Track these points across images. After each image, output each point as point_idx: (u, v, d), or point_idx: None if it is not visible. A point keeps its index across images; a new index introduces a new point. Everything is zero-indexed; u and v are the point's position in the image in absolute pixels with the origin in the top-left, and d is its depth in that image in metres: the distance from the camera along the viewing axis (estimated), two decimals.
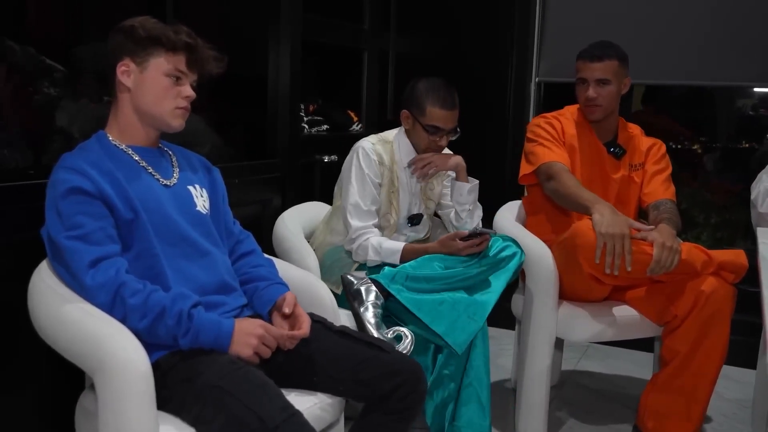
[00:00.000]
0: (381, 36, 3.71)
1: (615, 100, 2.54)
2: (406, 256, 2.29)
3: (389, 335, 2.04)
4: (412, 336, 2.03)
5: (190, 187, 1.79)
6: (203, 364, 1.54)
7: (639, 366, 3.22)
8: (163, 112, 1.70)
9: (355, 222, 2.37)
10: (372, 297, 2.13)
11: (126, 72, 1.68)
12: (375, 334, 2.03)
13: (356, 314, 2.11)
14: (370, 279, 2.16)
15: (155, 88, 1.68)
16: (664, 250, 2.17)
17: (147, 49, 1.67)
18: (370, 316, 2.09)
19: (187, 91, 1.72)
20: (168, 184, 1.73)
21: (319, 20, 3.18)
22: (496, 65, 3.63)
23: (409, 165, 2.47)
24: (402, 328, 2.05)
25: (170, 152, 1.81)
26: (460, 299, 2.13)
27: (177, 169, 1.78)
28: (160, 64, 1.68)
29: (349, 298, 2.14)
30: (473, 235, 2.21)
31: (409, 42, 3.81)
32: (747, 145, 4.49)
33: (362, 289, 2.14)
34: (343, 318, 2.07)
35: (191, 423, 1.51)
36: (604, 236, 2.15)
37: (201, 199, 1.79)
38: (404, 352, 1.97)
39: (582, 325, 2.39)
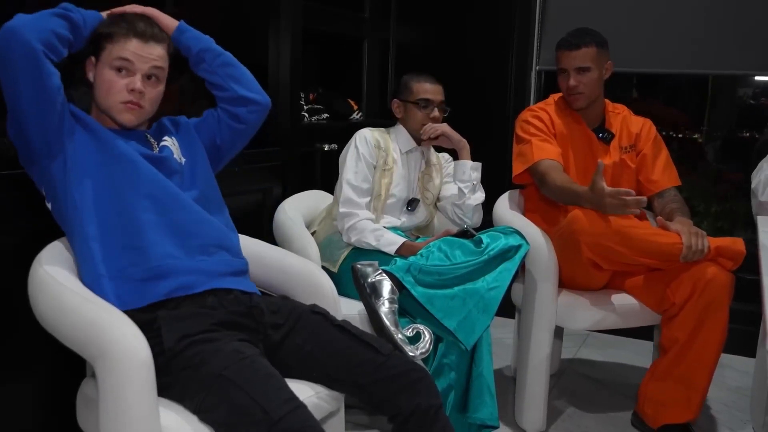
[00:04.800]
0: (381, 25, 3.70)
1: (597, 86, 2.54)
2: (403, 251, 2.30)
3: (408, 333, 2.00)
4: (431, 335, 2.00)
5: (166, 141, 1.85)
6: (208, 353, 1.54)
7: (638, 355, 3.23)
8: (110, 106, 1.74)
9: (347, 194, 2.41)
10: (387, 291, 2.09)
11: (90, 68, 1.76)
12: (393, 332, 2.00)
13: (372, 310, 2.07)
14: (384, 270, 2.14)
15: (104, 82, 1.73)
16: (691, 235, 2.22)
17: (100, 44, 1.73)
18: (387, 312, 2.04)
19: (134, 83, 1.72)
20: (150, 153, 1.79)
21: (320, 8, 3.17)
22: (497, 54, 3.63)
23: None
24: (420, 326, 2.02)
25: (150, 137, 1.85)
26: (470, 293, 2.13)
27: (154, 143, 1.83)
28: (107, 57, 1.73)
29: (362, 291, 2.11)
30: (462, 233, 2.29)
31: (409, 31, 3.80)
32: (747, 134, 4.48)
33: (376, 282, 2.12)
34: (343, 307, 2.06)
35: (193, 411, 1.52)
36: (607, 208, 2.17)
37: (175, 148, 1.85)
38: (423, 350, 1.95)
39: (582, 313, 2.40)
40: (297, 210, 2.53)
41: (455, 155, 2.61)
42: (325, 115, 3.33)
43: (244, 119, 1.95)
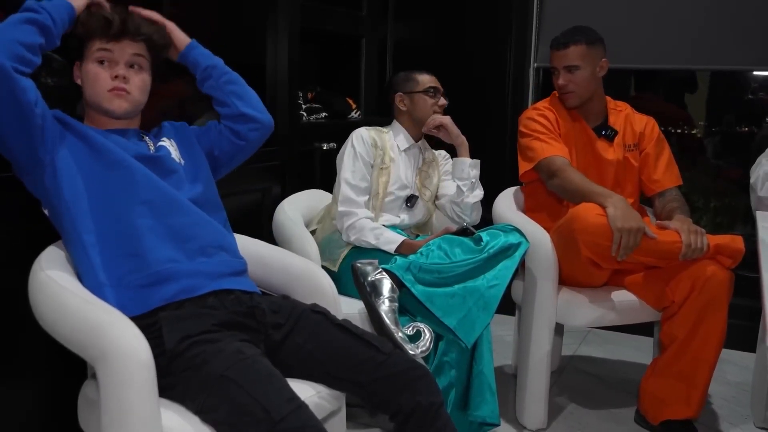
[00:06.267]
0: (379, 23, 3.70)
1: (589, 84, 2.54)
2: (403, 249, 2.30)
3: (409, 331, 2.00)
4: (431, 333, 2.00)
5: (164, 142, 1.85)
6: (209, 354, 1.54)
7: (638, 351, 3.23)
8: (98, 96, 1.75)
9: (345, 193, 2.41)
10: (387, 290, 2.09)
11: (77, 71, 1.78)
12: (394, 330, 1.99)
13: (372, 308, 2.07)
14: (384, 269, 2.14)
15: (89, 76, 1.75)
16: (691, 234, 2.22)
17: (84, 43, 1.75)
18: (387, 311, 2.04)
19: (117, 70, 1.75)
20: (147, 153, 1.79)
21: (318, 7, 3.17)
22: (495, 51, 3.62)
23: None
24: (420, 324, 2.01)
25: (145, 136, 1.85)
26: (470, 291, 2.12)
27: (150, 143, 1.83)
28: (89, 53, 1.75)
29: (362, 290, 2.10)
30: (462, 231, 2.28)
31: (407, 28, 3.80)
32: (746, 130, 4.48)
33: (376, 280, 2.11)
34: (343, 306, 2.07)
35: (195, 411, 1.52)
36: (620, 231, 2.16)
37: (174, 149, 1.86)
38: (424, 349, 1.95)
39: (582, 310, 2.40)
40: (296, 209, 2.53)
41: (453, 152, 2.62)
42: (324, 114, 3.33)
43: (244, 136, 1.98)
